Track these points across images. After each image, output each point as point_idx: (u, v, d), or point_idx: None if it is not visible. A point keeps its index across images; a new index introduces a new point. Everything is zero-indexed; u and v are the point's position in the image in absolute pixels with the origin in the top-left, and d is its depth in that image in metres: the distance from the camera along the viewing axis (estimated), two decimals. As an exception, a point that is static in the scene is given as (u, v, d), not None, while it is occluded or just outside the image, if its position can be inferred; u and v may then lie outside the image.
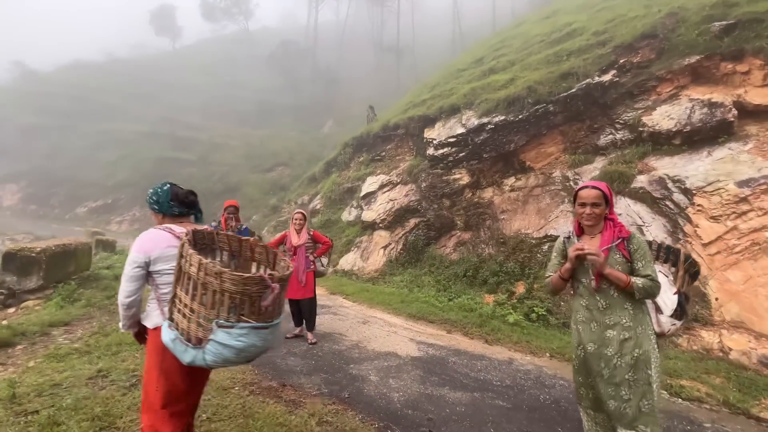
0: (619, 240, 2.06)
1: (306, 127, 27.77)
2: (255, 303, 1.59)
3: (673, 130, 6.54)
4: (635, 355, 1.99)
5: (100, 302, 5.85)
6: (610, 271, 2.00)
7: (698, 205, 5.58)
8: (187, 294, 1.62)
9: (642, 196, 6.19)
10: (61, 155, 25.13)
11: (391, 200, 10.06)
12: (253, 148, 24.11)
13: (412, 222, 9.29)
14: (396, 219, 9.62)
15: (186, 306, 1.62)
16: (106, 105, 29.62)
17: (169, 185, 2.04)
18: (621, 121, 7.41)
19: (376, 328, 5.43)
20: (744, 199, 5.25)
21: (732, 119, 6.10)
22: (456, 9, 31.59)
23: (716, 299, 4.97)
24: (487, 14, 29.62)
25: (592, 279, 2.08)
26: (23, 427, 2.58)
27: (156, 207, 2.02)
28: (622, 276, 1.99)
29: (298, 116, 29.31)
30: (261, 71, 34.51)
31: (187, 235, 1.75)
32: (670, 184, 5.99)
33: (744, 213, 5.21)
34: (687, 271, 2.26)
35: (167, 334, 1.69)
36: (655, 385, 1.99)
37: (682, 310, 2.16)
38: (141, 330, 2.00)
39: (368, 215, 10.27)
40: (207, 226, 2.15)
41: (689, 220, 5.57)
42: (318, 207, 13.27)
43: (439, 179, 9.28)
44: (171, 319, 1.70)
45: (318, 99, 30.61)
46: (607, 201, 2.10)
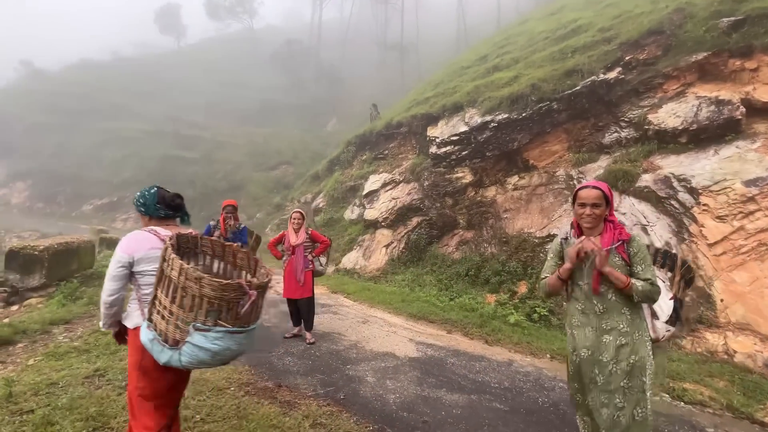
0: (618, 242, 2.00)
1: (309, 126, 27.80)
2: (232, 308, 1.64)
3: (680, 128, 6.42)
4: (631, 361, 1.95)
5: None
6: (611, 270, 1.94)
7: (704, 205, 5.48)
8: (167, 296, 1.66)
9: (647, 196, 6.10)
10: (68, 153, 25.40)
11: (393, 199, 10.02)
12: (256, 146, 24.15)
13: (415, 221, 9.25)
14: (398, 217, 9.58)
15: (165, 308, 1.67)
16: (112, 104, 29.86)
17: (156, 188, 2.10)
18: (626, 119, 7.30)
19: (376, 328, 5.40)
20: (751, 199, 5.14)
21: (740, 117, 5.98)
22: (460, 6, 31.34)
23: (721, 300, 4.87)
24: (491, 11, 29.41)
25: (589, 282, 2.03)
26: (18, 426, 2.58)
27: (143, 209, 2.07)
28: (622, 276, 1.93)
29: (301, 114, 29.33)
30: (265, 70, 34.52)
31: (171, 239, 1.80)
32: (675, 183, 5.89)
33: (751, 213, 5.11)
34: (683, 276, 2.20)
35: (146, 335, 1.73)
36: (648, 393, 1.94)
37: (677, 315, 2.11)
38: (121, 330, 2.05)
39: (371, 214, 10.24)
40: (191, 230, 2.19)
41: (695, 220, 5.48)
42: (321, 205, 13.27)
43: (442, 178, 9.22)
44: (150, 320, 1.74)
45: (321, 97, 30.58)
46: (608, 202, 2.04)
